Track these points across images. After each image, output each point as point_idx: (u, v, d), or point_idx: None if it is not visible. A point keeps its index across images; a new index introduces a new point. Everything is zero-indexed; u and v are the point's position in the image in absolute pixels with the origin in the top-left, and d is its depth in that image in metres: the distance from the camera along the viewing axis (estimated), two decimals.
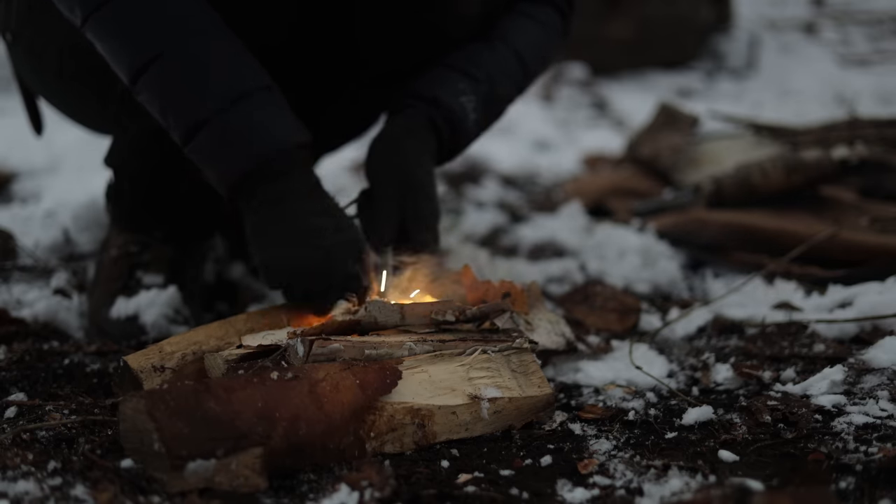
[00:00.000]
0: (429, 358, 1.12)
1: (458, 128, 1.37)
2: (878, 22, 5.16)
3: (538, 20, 1.47)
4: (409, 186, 1.31)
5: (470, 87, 1.38)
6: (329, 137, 1.64)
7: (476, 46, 1.41)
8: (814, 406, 1.15)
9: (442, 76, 1.38)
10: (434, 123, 1.35)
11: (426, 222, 1.33)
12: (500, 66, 1.42)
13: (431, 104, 1.35)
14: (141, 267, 1.46)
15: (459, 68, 1.39)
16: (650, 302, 1.64)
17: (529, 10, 1.47)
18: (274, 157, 1.17)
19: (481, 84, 1.39)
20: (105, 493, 0.93)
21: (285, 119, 1.19)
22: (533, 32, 1.47)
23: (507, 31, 1.44)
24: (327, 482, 0.97)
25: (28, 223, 1.93)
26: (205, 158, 1.18)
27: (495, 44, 1.42)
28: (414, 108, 1.36)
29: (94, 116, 1.49)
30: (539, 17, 1.48)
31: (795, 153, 1.96)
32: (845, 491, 0.95)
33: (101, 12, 1.16)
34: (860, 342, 1.37)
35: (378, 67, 1.47)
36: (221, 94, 1.15)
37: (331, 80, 1.49)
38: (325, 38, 1.42)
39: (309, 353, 1.08)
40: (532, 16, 1.47)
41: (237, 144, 1.16)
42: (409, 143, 1.34)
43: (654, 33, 4.33)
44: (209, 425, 0.95)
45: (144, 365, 1.12)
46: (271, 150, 1.17)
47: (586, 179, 2.52)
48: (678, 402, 1.19)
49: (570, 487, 0.98)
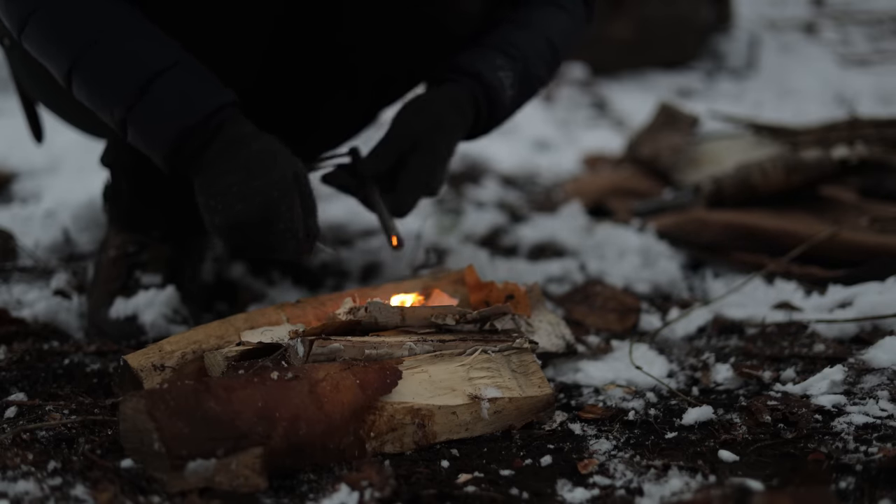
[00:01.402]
0: (429, 358, 1.12)
1: (497, 103, 1.41)
2: (878, 22, 5.16)
3: (566, 8, 1.52)
4: (427, 144, 1.34)
5: (507, 63, 1.42)
6: (327, 136, 1.64)
7: (509, 28, 1.45)
8: (814, 406, 1.16)
9: (482, 53, 1.41)
10: (475, 98, 1.39)
11: (420, 182, 1.34)
12: (534, 48, 1.46)
13: (474, 78, 1.39)
14: (139, 267, 1.46)
15: (496, 46, 1.43)
16: (650, 302, 1.64)
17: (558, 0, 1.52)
18: (193, 126, 1.18)
19: (517, 62, 1.43)
20: (105, 493, 0.93)
21: (197, 88, 1.20)
22: (562, 19, 1.51)
23: (538, 17, 1.48)
24: (327, 482, 0.97)
25: (28, 223, 1.93)
26: (140, 146, 1.22)
27: (527, 27, 1.46)
28: (456, 81, 1.39)
29: (91, 121, 1.49)
30: (566, 5, 1.52)
31: (795, 153, 1.95)
32: (845, 491, 0.95)
33: (24, 32, 1.21)
34: (860, 342, 1.37)
35: (376, 65, 1.46)
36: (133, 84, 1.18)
37: (326, 77, 1.49)
38: (316, 34, 1.42)
39: (309, 353, 1.08)
40: (560, 4, 1.51)
41: (155, 127, 1.19)
42: (447, 112, 1.37)
43: (654, 33, 4.32)
44: (209, 425, 0.95)
45: (144, 364, 1.12)
46: (187, 122, 1.18)
47: (586, 179, 2.52)
48: (678, 402, 1.19)
49: (570, 487, 0.98)
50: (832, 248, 1.68)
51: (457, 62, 1.41)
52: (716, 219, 1.86)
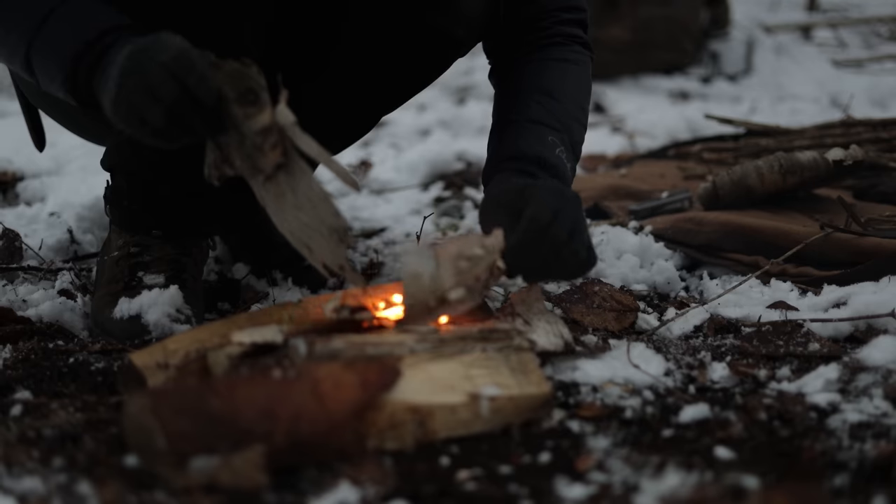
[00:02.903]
0: (429, 356, 1.13)
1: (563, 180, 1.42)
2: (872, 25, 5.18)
3: (569, 60, 1.54)
4: None
5: (558, 137, 1.44)
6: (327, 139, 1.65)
7: (542, 98, 1.47)
8: (809, 404, 1.17)
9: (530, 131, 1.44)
10: None
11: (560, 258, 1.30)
12: (568, 113, 1.48)
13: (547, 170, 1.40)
14: (142, 267, 1.47)
15: (538, 120, 1.45)
16: (647, 301, 1.66)
17: (566, 55, 1.54)
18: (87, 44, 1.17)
19: (563, 134, 1.45)
20: (109, 490, 0.94)
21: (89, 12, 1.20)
22: (573, 74, 1.53)
23: (555, 80, 1.50)
24: (328, 479, 0.98)
25: (33, 224, 1.94)
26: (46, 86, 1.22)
27: (555, 96, 1.48)
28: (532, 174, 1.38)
29: (92, 125, 1.50)
30: (570, 57, 1.54)
31: (791, 155, 1.97)
32: (840, 488, 0.96)
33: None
34: (855, 341, 1.39)
35: (377, 72, 1.47)
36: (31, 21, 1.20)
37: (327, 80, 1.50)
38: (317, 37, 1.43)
39: (311, 352, 1.09)
40: (570, 60, 1.53)
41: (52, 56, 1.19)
42: None
43: (651, 37, 4.34)
44: (212, 423, 0.96)
45: (149, 362, 1.13)
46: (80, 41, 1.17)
47: (584, 180, 2.53)
48: (675, 400, 1.20)
49: (568, 484, 0.99)
50: (827, 249, 1.69)
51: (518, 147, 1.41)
52: (712, 219, 1.88)
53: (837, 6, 5.72)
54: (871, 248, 1.66)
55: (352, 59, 1.46)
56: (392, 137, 3.37)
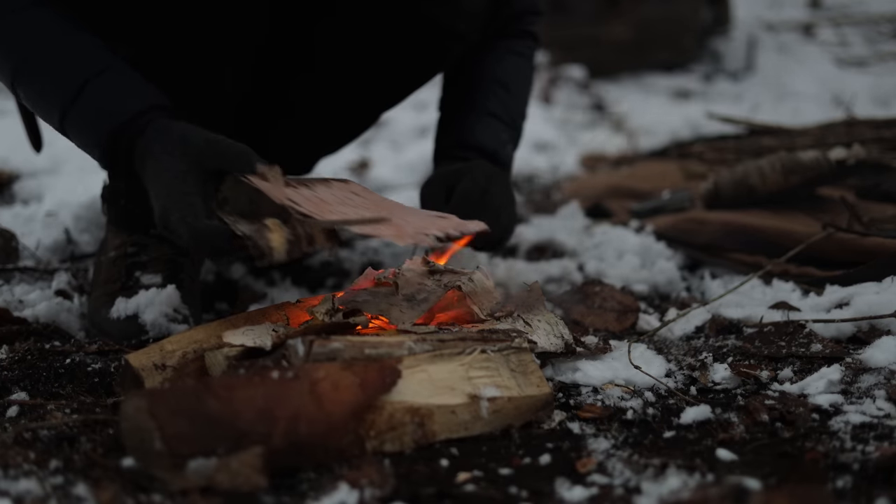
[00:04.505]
0: (428, 357, 1.13)
1: None
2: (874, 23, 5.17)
3: (524, 55, 1.65)
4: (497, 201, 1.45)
5: (508, 134, 1.57)
6: (328, 138, 1.64)
7: (499, 91, 1.58)
8: (811, 405, 1.16)
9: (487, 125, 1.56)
10: None
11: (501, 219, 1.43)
12: (518, 108, 1.61)
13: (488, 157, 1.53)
14: (139, 267, 1.46)
15: (495, 114, 1.56)
16: (648, 302, 1.65)
17: (516, 48, 1.64)
18: (123, 125, 1.21)
19: (513, 130, 1.59)
20: (106, 492, 0.93)
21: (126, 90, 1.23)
22: (525, 69, 1.65)
23: (510, 73, 1.61)
24: (327, 481, 0.98)
25: (30, 224, 1.94)
26: (82, 149, 1.27)
27: (510, 90, 1.60)
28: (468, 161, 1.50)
29: None
30: (525, 52, 1.65)
31: (793, 154, 1.96)
32: (842, 490, 0.95)
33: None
34: (857, 342, 1.38)
35: (374, 65, 1.47)
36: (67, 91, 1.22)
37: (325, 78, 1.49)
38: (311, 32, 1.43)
39: (309, 353, 1.09)
40: (520, 53, 1.64)
41: (89, 129, 1.23)
42: None
43: (652, 35, 4.34)
44: (210, 424, 0.95)
45: (146, 363, 1.13)
46: (116, 122, 1.21)
47: (585, 180, 2.53)
48: (676, 402, 1.20)
49: (568, 486, 0.98)
50: (829, 249, 1.68)
51: (466, 139, 1.53)
52: (713, 219, 1.87)
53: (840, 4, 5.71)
54: (873, 248, 1.65)
55: (348, 51, 1.46)
56: (391, 137, 3.37)
